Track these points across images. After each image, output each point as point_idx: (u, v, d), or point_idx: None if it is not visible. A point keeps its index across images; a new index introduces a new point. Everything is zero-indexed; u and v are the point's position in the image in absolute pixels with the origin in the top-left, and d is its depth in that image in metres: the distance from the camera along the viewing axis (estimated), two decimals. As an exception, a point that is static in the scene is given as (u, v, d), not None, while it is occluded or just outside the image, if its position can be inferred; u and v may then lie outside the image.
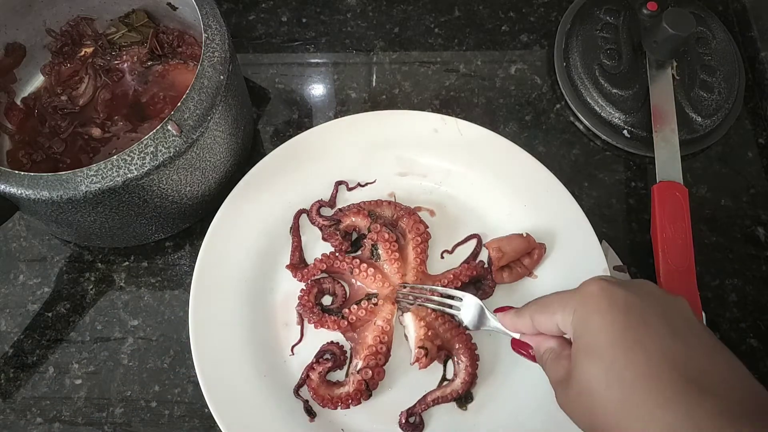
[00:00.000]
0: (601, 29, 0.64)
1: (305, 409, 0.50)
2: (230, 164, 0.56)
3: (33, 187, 0.44)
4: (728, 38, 0.65)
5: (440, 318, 0.51)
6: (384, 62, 0.67)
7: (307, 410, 0.50)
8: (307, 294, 0.53)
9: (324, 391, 0.50)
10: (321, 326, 0.52)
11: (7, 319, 0.56)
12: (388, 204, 0.56)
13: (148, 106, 0.60)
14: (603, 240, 0.56)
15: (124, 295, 0.57)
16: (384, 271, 0.53)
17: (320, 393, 0.50)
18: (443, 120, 0.59)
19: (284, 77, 0.66)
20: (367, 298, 0.52)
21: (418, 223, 0.55)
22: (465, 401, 0.51)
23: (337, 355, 0.51)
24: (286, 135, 0.63)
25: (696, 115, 0.61)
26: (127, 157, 0.45)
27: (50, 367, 0.54)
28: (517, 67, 0.67)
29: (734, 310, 0.57)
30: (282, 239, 0.56)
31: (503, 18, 0.70)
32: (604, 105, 0.62)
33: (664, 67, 0.62)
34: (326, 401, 0.49)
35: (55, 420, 0.52)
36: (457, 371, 0.51)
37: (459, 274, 0.53)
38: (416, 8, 0.70)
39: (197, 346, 0.50)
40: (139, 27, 0.61)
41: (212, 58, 0.49)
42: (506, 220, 0.57)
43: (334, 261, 0.53)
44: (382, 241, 0.53)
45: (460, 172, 0.58)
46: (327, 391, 0.50)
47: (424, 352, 0.50)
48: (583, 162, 0.63)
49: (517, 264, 0.54)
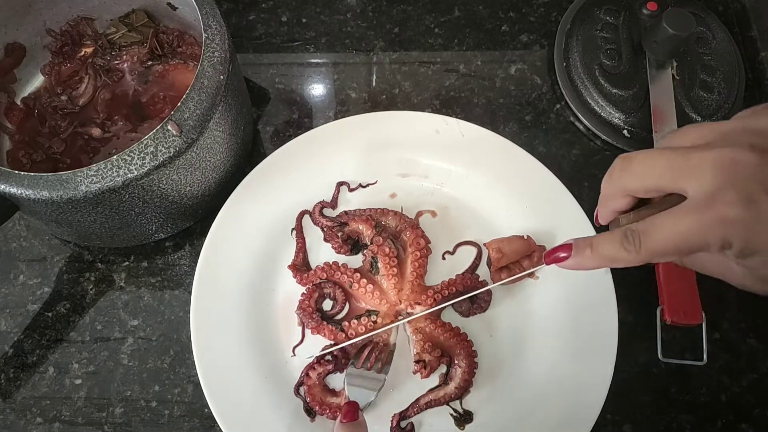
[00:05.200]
0: (601, 29, 0.64)
1: (305, 409, 0.50)
2: (230, 164, 0.56)
3: (33, 187, 0.44)
4: (728, 38, 0.65)
5: (440, 327, 0.51)
6: (384, 62, 0.67)
7: (306, 410, 0.50)
8: (308, 299, 0.53)
9: (319, 395, 0.50)
10: (318, 333, 0.52)
11: (7, 319, 0.56)
12: (394, 214, 0.56)
13: (148, 106, 0.60)
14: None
15: (124, 295, 0.57)
16: (382, 287, 0.53)
17: (315, 395, 0.50)
18: (445, 121, 0.59)
19: (284, 77, 0.66)
20: (367, 315, 0.52)
21: (419, 237, 0.55)
22: (464, 421, 0.50)
23: (338, 358, 0.51)
24: (286, 135, 0.63)
25: (696, 115, 0.61)
26: (127, 157, 0.45)
27: (50, 367, 0.54)
28: (517, 67, 0.67)
29: (734, 310, 0.57)
30: (283, 239, 0.56)
31: (503, 18, 0.70)
32: (604, 105, 0.62)
33: (664, 67, 0.62)
34: (320, 406, 0.49)
35: (55, 420, 0.52)
36: (453, 376, 0.51)
37: (454, 283, 0.53)
38: (416, 8, 0.70)
39: (198, 346, 0.50)
40: (139, 27, 0.61)
41: (212, 58, 0.49)
42: (507, 220, 0.57)
43: (335, 272, 0.53)
44: (382, 255, 0.53)
45: (462, 173, 0.58)
46: (321, 395, 0.50)
47: (422, 365, 0.50)
48: (583, 162, 0.63)
49: (516, 265, 0.54)
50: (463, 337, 0.51)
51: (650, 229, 0.34)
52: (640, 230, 0.35)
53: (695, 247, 0.33)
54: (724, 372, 0.54)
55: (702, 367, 0.53)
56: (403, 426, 0.50)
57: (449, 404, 0.50)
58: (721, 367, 0.54)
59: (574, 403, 0.50)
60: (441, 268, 0.56)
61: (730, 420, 0.53)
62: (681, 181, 0.33)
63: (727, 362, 0.55)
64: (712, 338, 0.55)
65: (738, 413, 0.53)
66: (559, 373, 0.51)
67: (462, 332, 0.52)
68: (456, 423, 0.50)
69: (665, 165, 0.34)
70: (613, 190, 0.38)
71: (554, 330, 0.53)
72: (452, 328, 0.52)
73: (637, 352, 0.54)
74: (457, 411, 0.51)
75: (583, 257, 0.38)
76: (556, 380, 0.51)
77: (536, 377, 0.51)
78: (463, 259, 0.56)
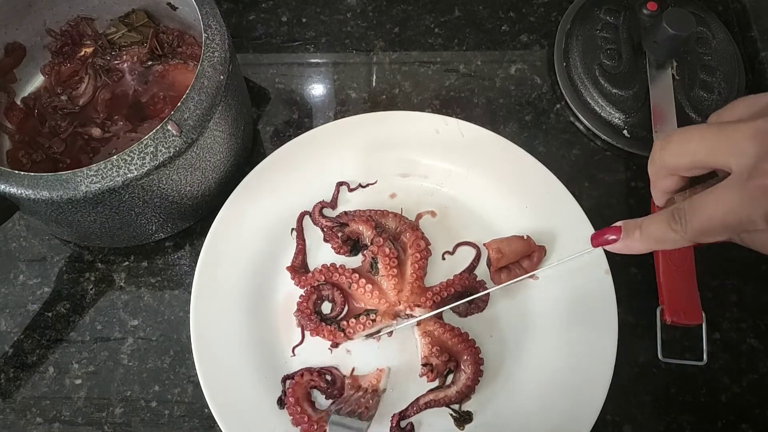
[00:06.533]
0: (601, 29, 0.64)
1: (278, 399, 0.50)
2: (230, 164, 0.56)
3: (33, 187, 0.44)
4: (728, 38, 0.65)
5: (449, 331, 0.51)
6: (384, 62, 0.67)
7: (279, 400, 0.50)
8: (306, 301, 0.53)
9: (301, 399, 0.50)
10: (317, 334, 0.52)
11: (7, 319, 0.56)
12: (394, 216, 0.56)
13: (148, 106, 0.60)
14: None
15: (124, 295, 0.57)
16: (382, 287, 0.53)
17: (297, 398, 0.49)
18: (445, 121, 0.59)
19: (284, 77, 0.66)
20: (365, 314, 0.52)
21: (419, 239, 0.55)
22: (464, 421, 0.50)
23: (334, 385, 0.51)
24: (286, 135, 0.63)
25: (696, 115, 0.61)
26: (127, 157, 0.45)
27: (50, 367, 0.54)
28: (517, 67, 0.67)
29: (734, 310, 0.57)
30: (283, 240, 0.56)
31: (503, 18, 0.70)
32: (604, 105, 0.62)
33: (664, 67, 0.62)
34: (295, 404, 0.49)
35: (55, 420, 0.52)
36: (457, 380, 0.50)
37: (452, 283, 0.53)
38: (416, 8, 0.70)
39: (198, 346, 0.50)
40: (139, 27, 0.61)
41: (212, 58, 0.49)
42: (507, 220, 0.57)
43: (333, 273, 0.53)
44: (382, 256, 0.53)
45: (462, 173, 0.58)
46: (302, 397, 0.50)
47: (429, 368, 0.50)
48: (583, 162, 0.63)
49: (515, 266, 0.54)
50: (471, 343, 0.51)
51: (695, 206, 0.33)
52: (686, 209, 0.33)
53: (741, 222, 0.31)
54: (724, 372, 0.54)
55: (702, 367, 0.53)
56: (403, 426, 0.50)
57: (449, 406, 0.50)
58: (721, 367, 0.54)
59: (574, 403, 0.50)
60: (440, 268, 0.56)
61: (730, 420, 0.53)
62: (722, 156, 0.32)
63: (727, 362, 0.55)
64: (712, 338, 0.55)
65: (738, 413, 0.53)
66: (559, 374, 0.51)
67: (470, 338, 0.52)
68: (456, 423, 0.50)
69: (701, 140, 0.33)
70: (655, 169, 0.37)
71: (554, 330, 0.53)
72: (461, 333, 0.51)
73: (637, 352, 0.54)
74: (456, 411, 0.51)
75: (632, 239, 0.37)
76: (556, 380, 0.51)
77: (536, 377, 0.51)
78: (462, 259, 0.56)
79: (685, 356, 0.53)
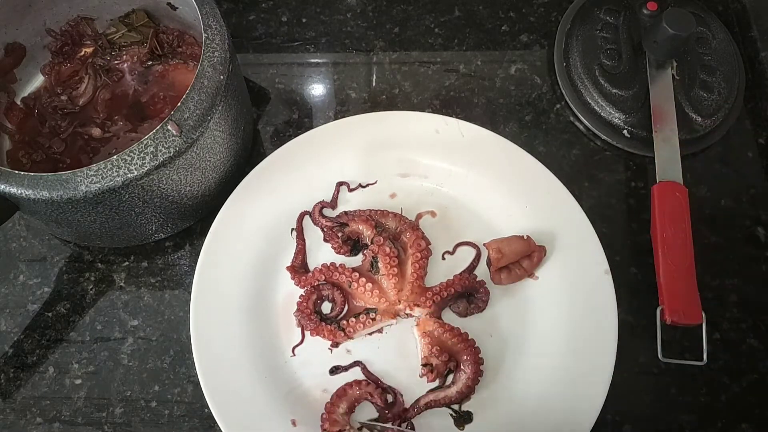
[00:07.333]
0: (601, 29, 0.64)
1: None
2: (230, 164, 0.56)
3: (33, 187, 0.44)
4: (728, 38, 0.65)
5: (449, 332, 0.51)
6: (384, 62, 0.67)
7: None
8: (306, 300, 0.53)
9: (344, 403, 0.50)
10: (317, 334, 0.52)
11: (7, 319, 0.56)
12: (394, 216, 0.56)
13: (148, 106, 0.60)
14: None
15: (124, 295, 0.57)
16: (382, 286, 0.53)
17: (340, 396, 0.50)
18: (445, 121, 0.59)
19: (284, 77, 0.66)
20: (365, 312, 0.52)
21: (420, 239, 0.54)
22: (464, 421, 0.50)
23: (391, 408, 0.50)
24: (286, 135, 0.63)
25: (696, 115, 0.61)
26: (127, 157, 0.45)
27: (50, 367, 0.54)
28: (517, 67, 0.67)
29: (734, 310, 0.57)
30: (283, 240, 0.56)
31: (503, 18, 0.70)
32: (604, 105, 0.62)
33: (664, 67, 0.62)
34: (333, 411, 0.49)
35: (55, 420, 0.52)
36: (457, 380, 0.51)
37: (452, 284, 0.53)
38: (416, 8, 0.70)
39: (198, 346, 0.50)
40: (139, 27, 0.61)
41: (212, 58, 0.49)
42: (507, 220, 0.57)
43: (333, 272, 0.53)
44: (382, 255, 0.53)
45: (462, 173, 0.58)
46: (341, 404, 0.50)
47: (429, 368, 0.50)
48: (583, 162, 0.63)
49: (515, 266, 0.54)
50: (470, 344, 0.51)
51: None
52: None
53: None
54: (724, 372, 0.54)
55: (702, 367, 0.53)
56: (403, 426, 0.50)
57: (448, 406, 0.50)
58: (721, 367, 0.54)
59: (574, 404, 0.50)
60: (440, 268, 0.56)
61: (730, 420, 0.53)
62: None
63: (727, 362, 0.55)
64: (712, 338, 0.55)
65: (738, 413, 0.53)
66: (559, 374, 0.51)
67: (470, 338, 0.52)
68: (455, 423, 0.50)
69: None
70: None
71: (554, 330, 0.53)
72: (460, 333, 0.51)
73: (637, 352, 0.54)
74: (456, 411, 0.51)
75: None
76: (556, 380, 0.51)
77: (536, 377, 0.51)
78: (462, 259, 0.56)
79: (685, 356, 0.53)
